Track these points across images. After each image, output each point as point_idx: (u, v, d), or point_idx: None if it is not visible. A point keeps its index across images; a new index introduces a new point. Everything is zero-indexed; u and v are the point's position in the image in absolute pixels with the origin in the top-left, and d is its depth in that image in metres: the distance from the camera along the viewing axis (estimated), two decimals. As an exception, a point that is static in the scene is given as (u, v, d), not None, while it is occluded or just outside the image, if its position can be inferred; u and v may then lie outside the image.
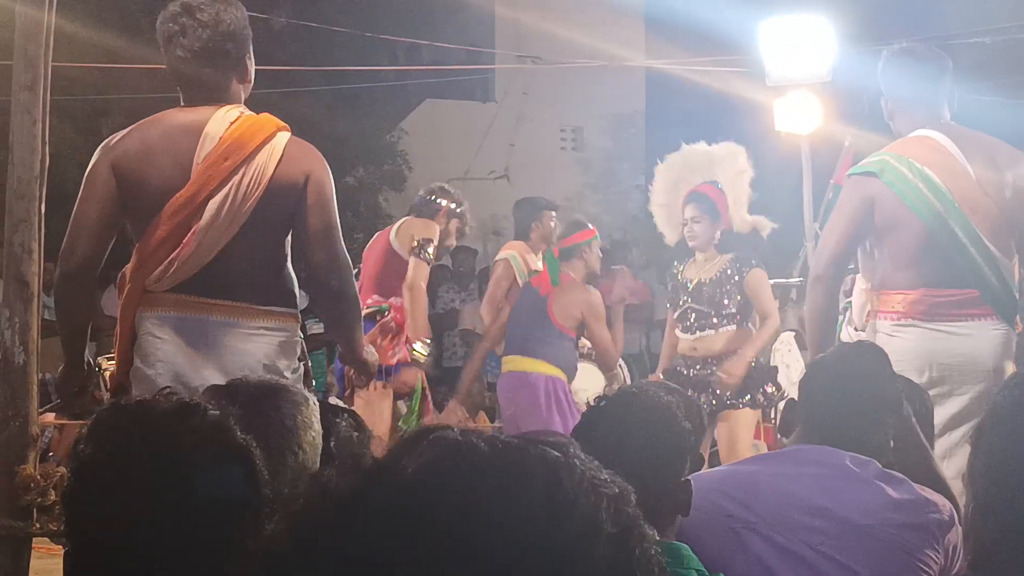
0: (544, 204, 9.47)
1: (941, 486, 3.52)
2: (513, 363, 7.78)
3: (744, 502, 3.24)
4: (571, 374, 7.73)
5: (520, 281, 9.16)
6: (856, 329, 5.55)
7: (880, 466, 3.32)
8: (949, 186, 5.00)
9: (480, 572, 1.00)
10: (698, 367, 7.34)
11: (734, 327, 7.39)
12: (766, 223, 7.62)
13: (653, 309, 13.55)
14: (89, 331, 4.51)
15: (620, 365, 8.65)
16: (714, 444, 7.43)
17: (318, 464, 2.84)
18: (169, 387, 2.27)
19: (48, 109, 4.72)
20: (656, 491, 2.83)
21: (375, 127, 15.77)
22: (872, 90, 5.61)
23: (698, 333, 7.44)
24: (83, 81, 10.50)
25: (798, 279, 9.63)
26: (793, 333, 9.64)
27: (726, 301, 7.38)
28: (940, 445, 4.63)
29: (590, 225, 7.95)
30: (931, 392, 4.46)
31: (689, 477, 3.04)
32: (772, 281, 10.07)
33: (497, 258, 9.52)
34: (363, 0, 15.41)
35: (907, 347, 4.93)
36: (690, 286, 7.51)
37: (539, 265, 9.43)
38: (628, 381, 8.44)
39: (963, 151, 5.07)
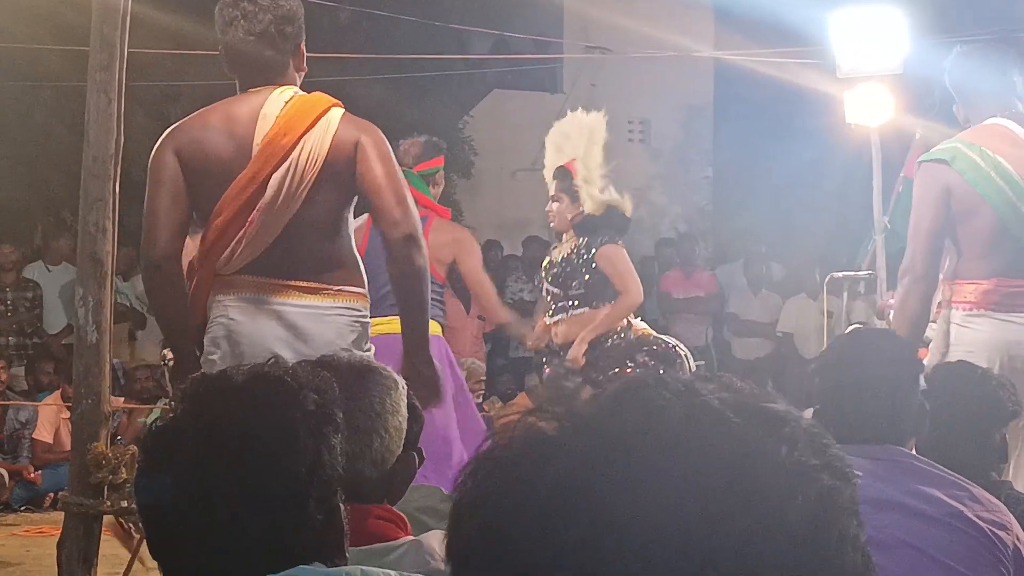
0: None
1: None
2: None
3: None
4: (444, 330, 6.62)
5: None
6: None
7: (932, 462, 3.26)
8: (1021, 174, 4.95)
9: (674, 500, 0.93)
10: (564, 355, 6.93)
11: (585, 310, 7.04)
12: (626, 202, 7.19)
13: (724, 301, 13.41)
14: (191, 321, 4.41)
15: (686, 356, 8.56)
16: None
17: (401, 449, 2.84)
18: (275, 357, 2.24)
19: (124, 91, 4.78)
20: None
21: (443, 116, 15.77)
22: (943, 82, 5.56)
23: (556, 316, 7.13)
24: (154, 66, 10.57)
25: (867, 272, 9.52)
26: (860, 326, 9.53)
27: (574, 283, 7.04)
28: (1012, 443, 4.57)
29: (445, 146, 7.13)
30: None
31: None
32: (841, 274, 10.02)
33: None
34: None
35: (979, 338, 4.88)
36: (549, 268, 7.27)
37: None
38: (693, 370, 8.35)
39: None
